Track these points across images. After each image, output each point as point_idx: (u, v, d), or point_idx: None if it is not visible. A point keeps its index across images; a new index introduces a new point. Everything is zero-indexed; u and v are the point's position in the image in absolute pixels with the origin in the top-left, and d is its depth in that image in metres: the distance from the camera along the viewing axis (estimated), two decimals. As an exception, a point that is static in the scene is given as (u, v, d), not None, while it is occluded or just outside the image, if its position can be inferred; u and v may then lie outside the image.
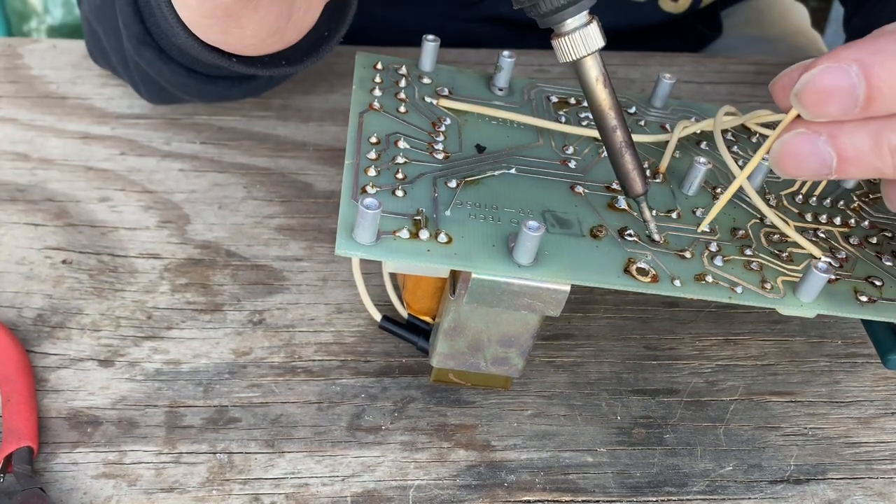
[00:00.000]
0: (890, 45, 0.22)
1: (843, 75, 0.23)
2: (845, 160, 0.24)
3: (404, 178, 0.29)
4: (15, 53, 0.47)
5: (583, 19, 0.26)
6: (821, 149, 0.24)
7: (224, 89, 0.40)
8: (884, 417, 0.34)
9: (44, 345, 0.34)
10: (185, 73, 0.38)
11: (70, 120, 0.43)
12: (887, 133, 0.23)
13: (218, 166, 0.42)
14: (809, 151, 0.24)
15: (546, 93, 0.36)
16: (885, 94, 0.22)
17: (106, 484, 0.30)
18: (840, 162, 0.24)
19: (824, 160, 0.24)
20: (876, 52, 0.22)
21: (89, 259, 0.37)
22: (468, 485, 0.31)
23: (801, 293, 0.28)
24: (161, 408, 0.32)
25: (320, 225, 0.39)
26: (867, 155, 0.23)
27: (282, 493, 0.30)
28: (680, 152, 0.34)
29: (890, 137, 0.23)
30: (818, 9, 1.27)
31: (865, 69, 0.22)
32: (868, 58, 0.22)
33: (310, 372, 0.34)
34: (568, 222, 0.29)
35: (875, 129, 0.23)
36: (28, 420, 0.30)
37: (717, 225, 0.31)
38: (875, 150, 0.23)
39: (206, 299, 0.36)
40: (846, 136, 0.23)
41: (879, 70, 0.22)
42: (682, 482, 0.31)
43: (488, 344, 0.30)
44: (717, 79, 0.50)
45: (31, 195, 0.39)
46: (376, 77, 0.34)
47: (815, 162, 0.24)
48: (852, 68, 0.22)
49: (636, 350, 0.36)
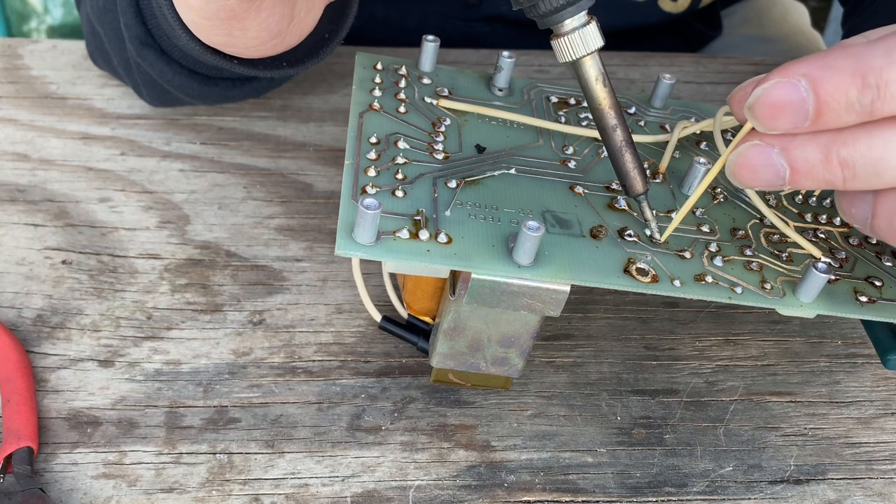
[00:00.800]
0: (838, 61, 0.23)
1: (792, 90, 0.23)
2: (797, 172, 0.24)
3: (404, 179, 0.29)
4: (15, 54, 0.47)
5: (582, 19, 0.26)
6: (774, 160, 0.24)
7: (225, 90, 0.40)
8: (884, 418, 0.34)
9: (44, 345, 0.34)
10: (187, 74, 0.38)
11: (70, 120, 0.43)
12: (836, 147, 0.24)
13: (218, 167, 0.42)
14: (763, 163, 0.25)
15: (546, 93, 0.36)
16: (833, 108, 0.23)
17: (106, 484, 0.30)
18: (792, 173, 0.24)
19: (778, 171, 0.25)
20: (824, 67, 0.23)
21: (89, 259, 0.37)
22: (468, 485, 0.31)
23: (801, 293, 0.28)
24: (161, 408, 0.32)
25: (320, 225, 0.39)
26: (817, 167, 0.24)
27: (282, 494, 0.30)
28: (680, 152, 0.34)
29: (839, 151, 0.24)
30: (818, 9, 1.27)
31: (814, 84, 0.23)
32: (816, 73, 0.23)
33: (310, 372, 0.34)
34: (568, 222, 0.29)
35: (825, 142, 0.24)
36: (28, 420, 0.30)
37: (717, 225, 0.31)
38: (825, 163, 0.24)
39: (205, 300, 0.36)
40: (798, 148, 0.24)
41: (826, 85, 0.23)
42: (682, 482, 0.31)
43: (488, 344, 0.30)
44: (717, 79, 0.50)
45: (31, 195, 0.39)
46: (376, 77, 0.34)
47: (768, 173, 0.25)
48: (801, 83, 0.23)
49: (636, 350, 0.36)
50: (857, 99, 0.23)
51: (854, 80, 0.22)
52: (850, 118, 0.23)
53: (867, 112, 0.23)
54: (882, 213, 0.25)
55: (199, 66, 0.38)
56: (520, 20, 0.55)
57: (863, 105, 0.23)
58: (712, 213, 0.31)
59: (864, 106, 0.23)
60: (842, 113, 0.23)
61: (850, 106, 0.23)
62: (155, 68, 0.38)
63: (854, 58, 0.23)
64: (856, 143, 0.23)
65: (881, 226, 0.25)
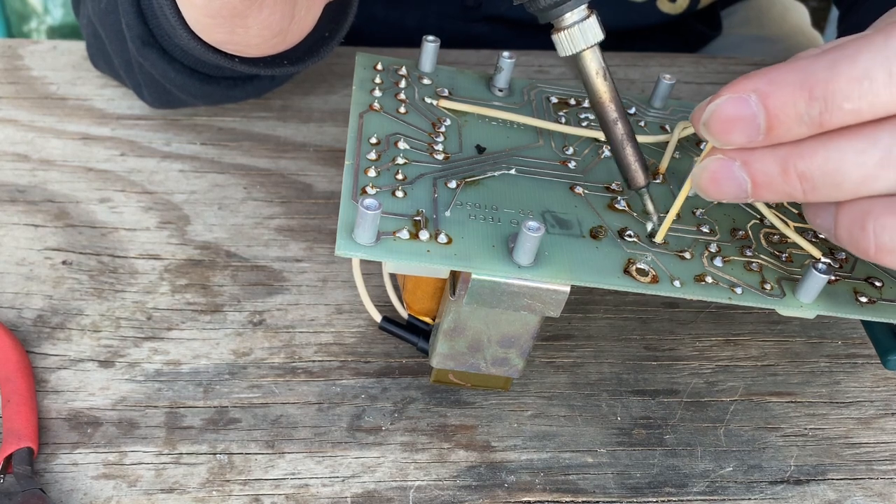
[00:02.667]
0: (785, 75, 0.23)
1: (743, 105, 0.23)
2: (758, 185, 0.25)
3: (404, 179, 0.29)
4: (15, 54, 0.47)
5: (582, 13, 0.26)
6: (736, 174, 0.25)
7: (226, 89, 0.40)
8: (884, 418, 0.34)
9: (44, 345, 0.34)
10: (188, 74, 0.38)
11: (70, 121, 0.43)
12: (794, 159, 0.24)
13: (218, 167, 0.42)
14: (726, 176, 0.25)
15: (546, 93, 0.36)
16: (783, 121, 0.23)
17: (106, 485, 0.30)
18: (754, 186, 0.25)
19: (740, 185, 0.25)
20: (772, 82, 0.23)
21: (89, 260, 0.37)
22: (468, 485, 0.31)
23: (801, 294, 0.28)
24: (161, 408, 0.32)
25: (320, 226, 0.39)
26: (777, 180, 0.24)
27: (282, 494, 0.30)
28: (680, 153, 0.34)
29: (797, 164, 0.24)
30: (818, 9, 1.27)
31: (763, 98, 0.23)
32: (764, 87, 0.23)
33: (310, 373, 0.34)
34: (568, 223, 0.29)
35: (783, 155, 0.24)
36: (28, 421, 0.30)
37: (717, 226, 0.31)
38: (783, 175, 0.24)
39: (206, 300, 0.36)
40: (757, 161, 0.24)
41: (774, 99, 0.23)
42: (682, 483, 0.31)
43: (488, 344, 0.30)
44: (718, 79, 0.50)
45: (31, 196, 0.39)
46: (376, 78, 0.34)
47: (732, 186, 0.25)
48: (751, 98, 0.23)
49: (636, 351, 0.36)
50: (806, 111, 0.23)
51: (801, 92, 0.23)
52: (801, 130, 0.23)
53: (817, 124, 0.23)
54: (843, 225, 0.25)
55: (201, 65, 0.38)
56: (519, 20, 0.55)
57: (812, 117, 0.23)
58: (712, 213, 0.31)
59: (813, 118, 0.23)
60: (792, 126, 0.23)
61: (799, 118, 0.23)
62: (157, 68, 0.38)
63: (800, 71, 0.23)
64: (813, 156, 0.24)
65: (843, 237, 0.25)
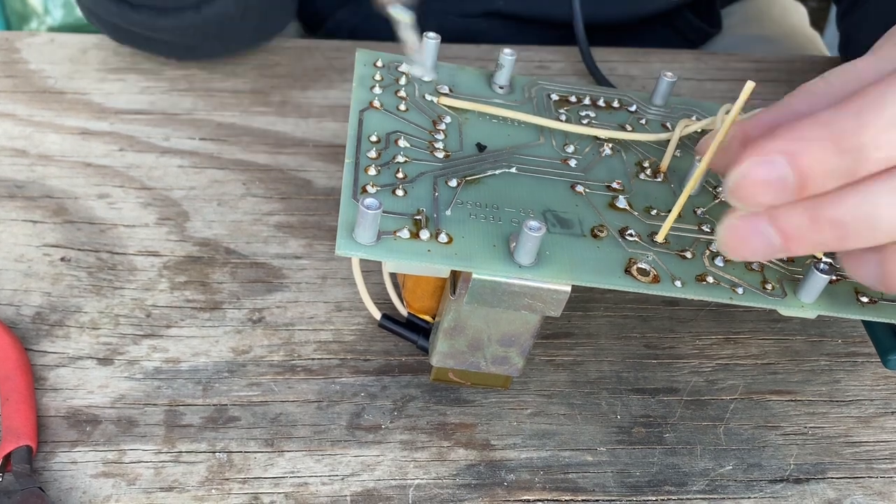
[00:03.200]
0: (811, 131, 0.22)
1: (771, 168, 0.23)
2: (789, 239, 0.24)
3: (405, 178, 0.29)
4: (12, 47, 0.47)
5: None
6: (763, 231, 0.24)
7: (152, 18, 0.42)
8: (884, 416, 0.34)
9: (42, 343, 0.33)
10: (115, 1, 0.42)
11: (68, 115, 0.43)
12: (822, 209, 0.23)
13: (217, 163, 0.42)
14: (753, 235, 0.24)
15: (547, 91, 0.36)
16: (817, 177, 0.23)
17: (105, 483, 0.30)
18: (784, 241, 0.24)
19: (770, 241, 0.24)
20: (798, 140, 0.22)
21: (88, 256, 0.37)
22: (468, 484, 0.31)
23: (802, 294, 0.28)
24: (160, 406, 0.32)
25: (320, 222, 0.39)
26: (807, 231, 0.24)
27: (281, 493, 0.30)
28: (681, 151, 0.34)
29: (825, 212, 0.23)
30: (818, 9, 1.26)
31: (791, 159, 0.22)
32: (792, 147, 0.22)
33: (309, 370, 0.33)
34: (569, 222, 0.29)
35: (810, 205, 0.23)
36: (27, 419, 0.30)
37: (718, 225, 0.31)
38: (813, 226, 0.23)
39: (205, 297, 0.36)
40: (784, 216, 0.24)
41: (805, 158, 0.22)
42: (682, 481, 0.31)
43: (488, 343, 0.30)
44: (718, 76, 0.50)
45: (29, 192, 0.39)
46: (376, 75, 0.34)
47: (761, 244, 0.24)
48: (778, 160, 0.22)
49: (636, 349, 0.36)
50: (838, 166, 0.22)
51: (831, 148, 0.22)
52: (833, 183, 0.23)
53: (850, 175, 0.22)
54: (892, 271, 0.24)
55: None
56: (517, 15, 0.55)
57: (844, 170, 0.22)
58: (713, 212, 0.31)
59: (847, 170, 0.22)
60: (825, 181, 0.23)
61: (831, 174, 0.22)
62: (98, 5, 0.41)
63: (826, 126, 0.22)
64: (843, 203, 0.23)
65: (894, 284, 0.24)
